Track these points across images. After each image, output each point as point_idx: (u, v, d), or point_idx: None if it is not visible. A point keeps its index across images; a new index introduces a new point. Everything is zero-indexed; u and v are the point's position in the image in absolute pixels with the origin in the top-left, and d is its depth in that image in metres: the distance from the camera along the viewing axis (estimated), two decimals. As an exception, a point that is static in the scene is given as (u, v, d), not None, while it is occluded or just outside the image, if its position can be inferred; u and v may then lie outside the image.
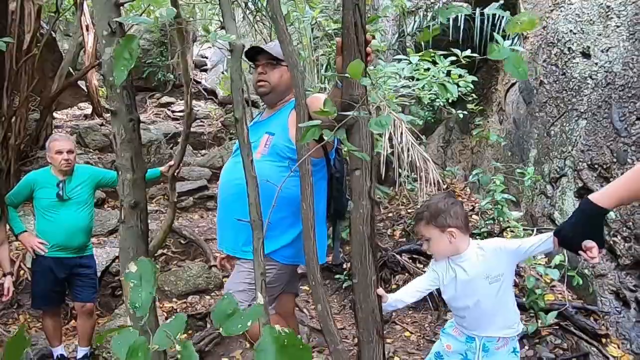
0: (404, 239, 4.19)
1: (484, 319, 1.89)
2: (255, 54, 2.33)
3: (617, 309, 2.69)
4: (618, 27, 3.34)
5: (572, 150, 3.54)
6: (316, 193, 2.32)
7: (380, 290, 1.69)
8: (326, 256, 2.55)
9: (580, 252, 1.49)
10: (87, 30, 9.43)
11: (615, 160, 3.06)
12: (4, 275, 3.36)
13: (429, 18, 5.25)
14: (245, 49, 2.36)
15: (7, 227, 3.44)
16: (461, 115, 4.75)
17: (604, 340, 2.56)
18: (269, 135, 2.23)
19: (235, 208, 2.14)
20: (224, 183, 2.34)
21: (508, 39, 4.34)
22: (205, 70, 14.90)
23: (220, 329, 0.75)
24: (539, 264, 2.67)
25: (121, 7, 1.23)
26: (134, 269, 0.68)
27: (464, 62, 3.89)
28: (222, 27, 1.17)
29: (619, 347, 2.52)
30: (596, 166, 3.23)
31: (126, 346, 0.66)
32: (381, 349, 1.60)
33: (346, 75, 1.42)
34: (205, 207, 6.99)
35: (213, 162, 8.27)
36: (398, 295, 1.92)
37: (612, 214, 2.73)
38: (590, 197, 1.45)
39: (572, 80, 3.70)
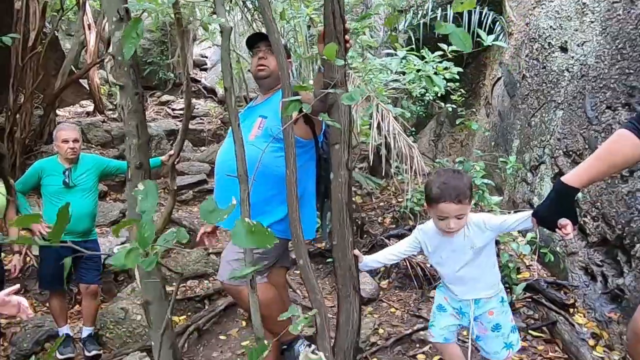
0: (393, 225, 4.39)
1: (470, 282, 2.02)
2: (256, 40, 2.53)
3: (585, 283, 2.89)
4: (592, 22, 3.54)
5: (550, 139, 3.74)
6: (305, 173, 2.54)
7: (356, 252, 1.89)
8: (315, 232, 2.75)
9: (556, 230, 1.64)
10: (89, 29, 9.65)
11: (587, 146, 3.27)
12: (13, 253, 3.55)
13: (419, 16, 5.46)
14: (248, 36, 2.58)
15: (15, 210, 3.64)
16: (450, 109, 4.95)
17: (571, 310, 2.77)
18: (262, 119, 2.42)
19: (229, 185, 2.34)
20: (220, 163, 2.53)
21: (493, 34, 4.54)
22: (205, 70, 15.12)
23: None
24: (513, 240, 2.87)
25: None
26: (142, 187, 0.88)
27: (450, 56, 4.10)
28: (214, 12, 1.36)
29: (584, 316, 2.72)
30: (571, 153, 3.44)
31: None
32: (357, 302, 1.80)
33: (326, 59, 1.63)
34: (205, 200, 7.19)
35: (212, 157, 8.48)
36: (373, 257, 2.08)
37: (580, 195, 2.92)
38: (562, 178, 1.62)
39: (551, 73, 3.90)
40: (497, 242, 3.28)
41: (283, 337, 2.52)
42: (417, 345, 2.77)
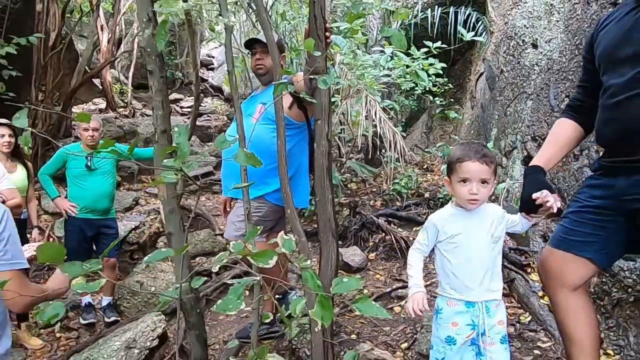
0: (383, 207, 4.82)
1: (476, 276, 1.85)
2: (252, 43, 2.99)
3: (542, 247, 3.32)
4: (558, 21, 3.96)
5: (521, 126, 4.16)
6: (299, 150, 2.99)
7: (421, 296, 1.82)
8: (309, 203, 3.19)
9: (538, 208, 1.74)
10: (102, 30, 10.16)
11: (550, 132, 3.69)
12: (32, 228, 4.01)
13: (409, 17, 5.88)
14: (245, 40, 3.04)
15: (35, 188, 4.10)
16: (438, 102, 5.38)
17: (528, 270, 3.19)
18: (262, 105, 2.88)
19: (231, 160, 2.79)
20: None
21: (474, 32, 4.96)
22: (212, 69, 15.63)
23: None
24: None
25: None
26: (177, 129, 1.31)
27: (435, 52, 4.54)
28: (219, 14, 1.78)
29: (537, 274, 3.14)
30: (537, 138, 3.86)
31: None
32: (335, 247, 2.23)
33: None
34: (212, 190, 7.67)
35: (218, 151, 8.95)
36: (420, 282, 1.89)
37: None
38: (530, 163, 1.96)
39: (524, 67, 4.33)
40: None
41: (278, 289, 2.98)
42: (395, 301, 3.20)
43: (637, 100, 1.63)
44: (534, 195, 1.77)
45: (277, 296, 2.97)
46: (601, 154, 1.89)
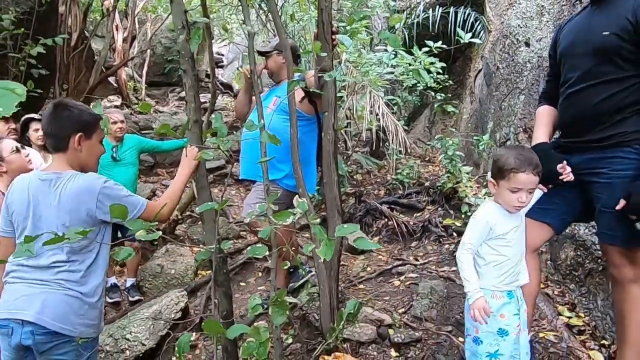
0: (386, 196, 5.16)
1: (517, 267, 1.99)
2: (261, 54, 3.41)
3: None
4: (548, 21, 4.27)
5: (514, 119, 4.48)
6: (310, 139, 3.34)
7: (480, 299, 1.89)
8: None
9: (559, 177, 1.98)
10: (117, 30, 10.56)
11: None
12: None
13: (412, 17, 6.20)
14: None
15: None
16: (439, 97, 5.69)
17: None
18: (277, 98, 3.25)
19: (251, 146, 3.16)
20: (245, 130, 3.36)
21: (471, 34, 5.28)
22: (222, 67, 16.00)
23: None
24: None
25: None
26: (213, 116, 1.65)
27: (435, 51, 4.88)
28: (243, 22, 2.11)
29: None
30: (528, 130, 4.18)
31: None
32: (340, 222, 2.58)
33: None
34: (223, 183, 8.04)
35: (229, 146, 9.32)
36: (475, 280, 1.94)
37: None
38: (534, 142, 2.23)
39: (518, 64, 4.64)
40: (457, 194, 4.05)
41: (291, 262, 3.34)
42: (395, 276, 3.54)
43: (588, 90, 1.98)
44: (559, 167, 1.99)
45: (290, 270, 3.33)
46: (558, 135, 2.24)
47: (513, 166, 1.87)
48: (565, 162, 2.02)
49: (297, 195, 1.87)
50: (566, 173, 2.00)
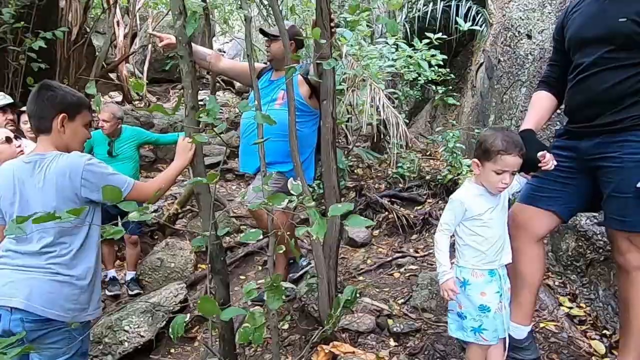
0: (387, 189, 5.14)
1: (497, 246, 2.00)
2: (262, 34, 3.35)
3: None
4: (550, 13, 4.24)
5: (516, 112, 4.45)
6: (312, 132, 3.30)
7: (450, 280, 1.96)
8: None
9: (539, 165, 1.95)
10: (118, 25, 10.54)
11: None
12: None
13: (414, 10, 6.18)
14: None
15: None
16: (440, 91, 5.67)
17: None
18: (284, 91, 3.21)
19: (250, 137, 3.14)
20: (244, 122, 3.34)
21: (471, 23, 5.25)
22: (223, 63, 15.96)
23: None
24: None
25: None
26: (208, 99, 1.63)
27: (436, 43, 4.85)
28: (240, 7, 2.09)
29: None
30: (529, 122, 4.14)
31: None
32: (339, 211, 2.56)
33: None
34: (224, 178, 8.02)
35: (230, 141, 9.28)
36: (446, 262, 1.98)
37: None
38: (522, 127, 2.24)
39: (519, 57, 4.61)
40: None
41: (290, 253, 3.32)
42: (395, 268, 3.52)
43: (600, 75, 1.95)
44: (539, 155, 1.96)
45: (289, 260, 3.31)
46: (565, 122, 2.20)
47: (500, 148, 1.89)
48: (545, 151, 1.99)
49: (291, 178, 1.85)
50: (545, 161, 1.97)
